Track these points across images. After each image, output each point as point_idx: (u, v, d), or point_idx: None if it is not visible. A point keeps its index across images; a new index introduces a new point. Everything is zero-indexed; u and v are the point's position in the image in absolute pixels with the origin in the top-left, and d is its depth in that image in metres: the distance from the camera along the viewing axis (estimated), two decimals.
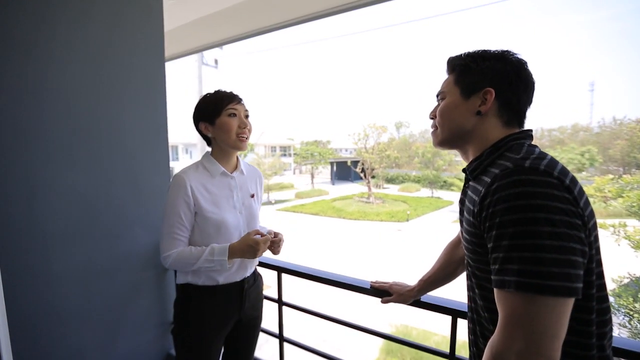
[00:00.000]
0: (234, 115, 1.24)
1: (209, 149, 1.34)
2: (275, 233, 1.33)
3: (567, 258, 0.58)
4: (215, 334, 1.30)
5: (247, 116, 1.28)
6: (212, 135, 1.27)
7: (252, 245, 1.19)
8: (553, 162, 0.66)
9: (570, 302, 0.59)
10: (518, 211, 0.60)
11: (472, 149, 0.82)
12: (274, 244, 1.28)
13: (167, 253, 1.21)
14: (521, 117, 0.79)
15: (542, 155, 0.67)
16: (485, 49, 0.81)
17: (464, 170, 0.84)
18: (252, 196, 1.37)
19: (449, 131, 0.83)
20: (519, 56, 0.78)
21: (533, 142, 0.77)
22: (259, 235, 1.22)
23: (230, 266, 1.25)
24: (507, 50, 0.79)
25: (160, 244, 1.23)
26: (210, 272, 1.26)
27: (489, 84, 0.77)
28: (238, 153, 1.36)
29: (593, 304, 0.65)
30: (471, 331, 0.84)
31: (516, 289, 0.59)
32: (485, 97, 0.77)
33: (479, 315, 0.78)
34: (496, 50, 0.80)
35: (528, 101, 0.78)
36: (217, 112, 1.23)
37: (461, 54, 0.84)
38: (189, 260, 1.19)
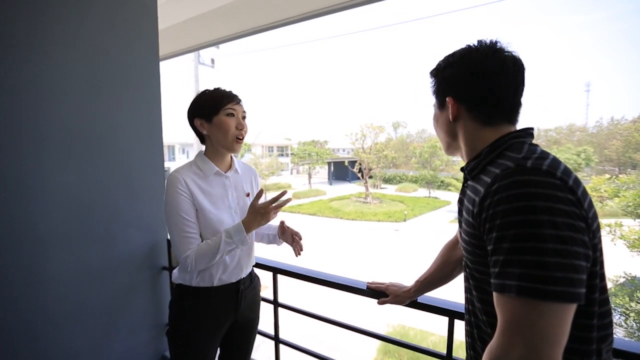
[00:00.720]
0: (232, 115, 1.22)
1: (203, 148, 1.32)
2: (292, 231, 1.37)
3: (570, 262, 0.56)
4: (212, 336, 1.28)
5: (244, 117, 1.27)
6: (207, 133, 1.24)
7: (260, 210, 1.18)
8: (556, 162, 0.64)
9: (573, 307, 0.57)
10: (520, 213, 0.58)
11: (465, 154, 0.81)
12: (296, 244, 1.34)
13: (185, 254, 1.15)
14: (499, 112, 0.74)
15: (545, 155, 0.65)
16: (451, 52, 0.80)
17: (462, 169, 0.82)
18: (248, 195, 1.35)
19: (443, 142, 0.86)
20: (479, 52, 0.74)
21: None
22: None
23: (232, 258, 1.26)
24: (467, 50, 0.76)
25: (174, 249, 1.18)
26: (206, 272, 1.24)
27: (449, 92, 0.78)
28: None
29: (595, 308, 0.63)
30: (468, 334, 0.82)
31: (517, 293, 0.57)
32: (449, 106, 0.78)
33: (477, 318, 0.77)
34: (456, 52, 0.78)
35: (497, 93, 0.73)
36: (215, 110, 1.21)
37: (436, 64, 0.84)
38: (209, 252, 1.15)
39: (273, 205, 1.19)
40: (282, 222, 1.40)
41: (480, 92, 0.74)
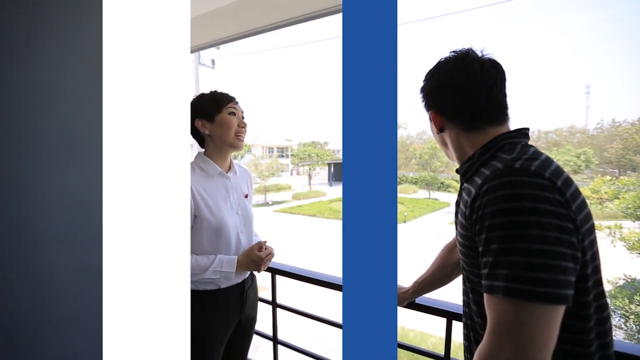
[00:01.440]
0: (234, 114, 1.26)
1: (201, 150, 1.33)
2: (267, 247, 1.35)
3: (557, 264, 0.56)
4: (220, 340, 1.28)
5: (243, 117, 1.31)
6: (210, 133, 1.26)
7: (256, 260, 1.26)
8: (546, 162, 0.64)
9: (560, 309, 0.56)
10: (507, 214, 0.58)
11: (457, 159, 0.84)
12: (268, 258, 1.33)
13: None
14: (479, 117, 0.75)
15: (535, 156, 0.65)
16: (430, 68, 0.82)
17: (457, 171, 0.83)
18: (246, 196, 1.36)
19: (443, 151, 0.90)
20: (448, 65, 0.78)
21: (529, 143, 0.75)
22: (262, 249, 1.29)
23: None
24: (438, 64, 0.80)
25: None
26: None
27: (430, 107, 0.83)
28: (233, 155, 1.36)
29: (589, 311, 0.63)
30: (465, 337, 0.82)
31: (504, 294, 0.57)
32: (433, 119, 0.83)
33: (473, 320, 0.77)
34: (431, 68, 0.82)
35: (469, 102, 0.75)
36: (217, 109, 1.24)
37: None
38: (193, 270, 1.16)
39: (264, 260, 1.29)
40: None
41: (453, 103, 0.77)
